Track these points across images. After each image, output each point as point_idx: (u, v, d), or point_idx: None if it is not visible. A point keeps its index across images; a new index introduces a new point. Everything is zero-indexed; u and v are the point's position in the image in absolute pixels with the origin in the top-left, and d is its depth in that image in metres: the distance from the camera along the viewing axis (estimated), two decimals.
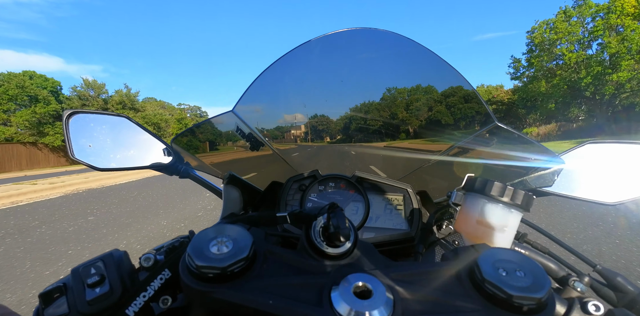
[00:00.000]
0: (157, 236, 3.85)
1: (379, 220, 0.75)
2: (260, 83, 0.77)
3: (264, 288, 0.31)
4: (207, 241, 0.33)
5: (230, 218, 0.70)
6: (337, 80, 0.88)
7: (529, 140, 0.78)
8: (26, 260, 3.31)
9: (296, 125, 0.95)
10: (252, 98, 0.80)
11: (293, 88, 0.89)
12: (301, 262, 0.36)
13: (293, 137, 0.98)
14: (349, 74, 0.88)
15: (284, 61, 0.76)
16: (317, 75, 0.88)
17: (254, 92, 0.79)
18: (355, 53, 0.85)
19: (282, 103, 0.93)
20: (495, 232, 0.51)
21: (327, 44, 0.78)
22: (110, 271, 0.35)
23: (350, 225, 0.38)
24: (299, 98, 0.90)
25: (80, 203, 6.80)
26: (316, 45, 0.76)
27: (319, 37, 0.74)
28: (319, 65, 0.85)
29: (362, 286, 0.31)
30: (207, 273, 0.30)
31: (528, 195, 0.50)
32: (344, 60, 0.87)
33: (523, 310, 0.29)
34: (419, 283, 0.34)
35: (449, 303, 0.31)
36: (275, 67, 0.76)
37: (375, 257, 0.38)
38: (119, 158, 0.75)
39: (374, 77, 0.89)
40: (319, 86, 0.89)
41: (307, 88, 0.89)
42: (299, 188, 0.76)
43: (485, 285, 0.31)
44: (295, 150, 0.99)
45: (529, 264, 0.32)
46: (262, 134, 0.88)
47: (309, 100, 0.89)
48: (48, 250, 3.59)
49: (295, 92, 0.91)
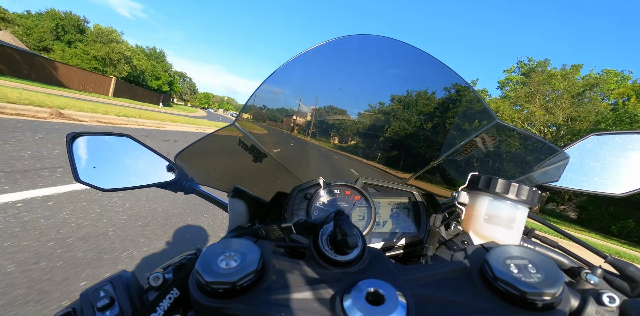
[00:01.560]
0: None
1: (386, 224, 0.75)
2: (268, 87, 0.79)
3: (275, 301, 0.31)
4: (215, 257, 0.32)
5: (237, 231, 0.70)
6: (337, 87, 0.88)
7: (532, 136, 0.78)
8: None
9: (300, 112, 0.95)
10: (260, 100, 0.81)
11: (297, 94, 0.90)
12: (311, 272, 0.35)
13: (292, 125, 0.97)
14: (350, 81, 0.89)
15: (286, 69, 0.77)
16: (322, 82, 0.89)
17: (260, 97, 0.80)
18: (352, 60, 0.86)
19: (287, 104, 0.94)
20: (503, 229, 0.51)
21: (323, 53, 0.79)
22: (120, 293, 0.35)
23: (357, 231, 0.38)
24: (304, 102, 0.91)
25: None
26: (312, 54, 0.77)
27: (314, 47, 0.76)
28: (319, 73, 0.86)
29: (374, 292, 0.31)
30: (217, 288, 0.30)
31: (533, 190, 0.50)
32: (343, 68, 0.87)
33: (538, 306, 0.29)
34: (431, 286, 0.33)
35: (462, 303, 0.31)
36: (278, 74, 0.77)
37: (385, 262, 0.38)
38: (123, 178, 0.76)
39: (376, 84, 0.90)
40: (324, 91, 0.90)
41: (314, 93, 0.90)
42: (304, 197, 0.76)
43: (498, 283, 0.30)
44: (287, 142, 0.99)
45: (539, 259, 0.31)
46: (264, 146, 0.88)
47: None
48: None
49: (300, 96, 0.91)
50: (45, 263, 1.87)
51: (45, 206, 2.59)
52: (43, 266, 1.84)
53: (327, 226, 0.38)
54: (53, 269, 1.84)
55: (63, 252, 2.03)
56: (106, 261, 2.07)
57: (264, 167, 0.91)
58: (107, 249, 2.21)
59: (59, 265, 1.89)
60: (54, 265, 1.87)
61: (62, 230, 2.29)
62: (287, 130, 0.97)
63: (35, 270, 1.79)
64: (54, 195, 2.87)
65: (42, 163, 3.69)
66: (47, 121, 6.82)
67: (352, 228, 0.36)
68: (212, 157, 0.88)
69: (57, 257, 1.96)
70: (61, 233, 2.22)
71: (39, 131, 5.49)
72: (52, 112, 7.38)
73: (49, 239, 2.13)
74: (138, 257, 2.22)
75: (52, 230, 2.26)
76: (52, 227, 2.31)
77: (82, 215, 2.63)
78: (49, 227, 2.28)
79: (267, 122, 0.93)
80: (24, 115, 6.71)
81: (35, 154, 3.97)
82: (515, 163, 0.86)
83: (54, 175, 3.37)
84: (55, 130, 5.95)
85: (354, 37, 0.77)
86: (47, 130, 5.78)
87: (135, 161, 0.79)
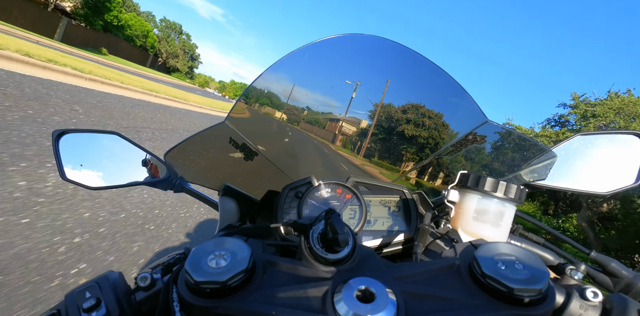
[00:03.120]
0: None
1: (376, 223, 0.75)
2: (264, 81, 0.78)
3: (266, 300, 0.31)
4: (204, 256, 0.32)
5: (227, 230, 0.70)
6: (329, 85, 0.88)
7: (521, 135, 0.80)
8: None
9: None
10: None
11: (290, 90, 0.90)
12: (301, 270, 0.35)
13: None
14: (342, 79, 0.89)
15: (278, 67, 0.76)
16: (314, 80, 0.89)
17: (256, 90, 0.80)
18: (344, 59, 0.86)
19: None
20: (491, 227, 0.52)
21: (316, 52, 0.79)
22: (106, 294, 0.34)
23: (348, 229, 0.38)
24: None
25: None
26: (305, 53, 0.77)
27: (307, 45, 0.75)
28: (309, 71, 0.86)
29: (365, 290, 0.31)
30: (206, 288, 0.30)
31: (520, 188, 0.51)
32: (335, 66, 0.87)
33: (525, 302, 0.29)
34: (421, 283, 0.34)
35: (451, 300, 0.31)
36: (271, 71, 0.76)
37: (376, 260, 0.38)
38: (111, 176, 0.75)
39: (367, 83, 0.90)
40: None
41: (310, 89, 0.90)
42: (295, 196, 0.76)
43: (486, 279, 0.31)
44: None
45: (526, 256, 0.32)
46: (255, 144, 0.88)
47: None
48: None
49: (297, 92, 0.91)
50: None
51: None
52: None
53: (319, 224, 0.38)
54: None
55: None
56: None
57: (255, 165, 0.91)
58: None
59: None
60: None
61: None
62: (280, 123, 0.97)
63: None
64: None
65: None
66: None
67: (343, 227, 0.37)
68: (202, 155, 0.87)
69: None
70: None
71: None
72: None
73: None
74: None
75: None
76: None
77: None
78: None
79: (258, 120, 0.93)
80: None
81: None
82: (503, 162, 0.88)
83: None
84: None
85: (346, 36, 0.77)
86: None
87: (125, 158, 0.78)
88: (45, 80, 6.99)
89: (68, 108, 5.36)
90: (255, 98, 0.86)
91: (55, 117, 4.52)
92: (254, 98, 0.86)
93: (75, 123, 4.70)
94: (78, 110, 5.51)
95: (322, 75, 0.88)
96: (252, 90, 0.80)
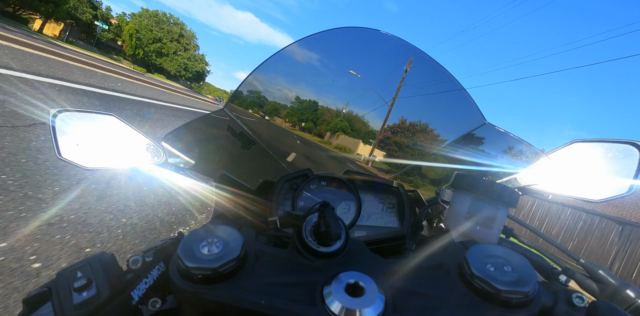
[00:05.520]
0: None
1: (370, 218, 0.76)
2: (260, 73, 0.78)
3: (256, 288, 0.31)
4: (197, 242, 0.32)
5: (221, 218, 0.70)
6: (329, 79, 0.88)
7: (519, 139, 0.80)
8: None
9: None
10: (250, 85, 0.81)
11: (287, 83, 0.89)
12: (293, 261, 0.36)
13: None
14: (340, 73, 0.88)
15: (277, 59, 0.75)
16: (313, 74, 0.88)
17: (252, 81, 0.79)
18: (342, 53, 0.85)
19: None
20: (483, 228, 0.52)
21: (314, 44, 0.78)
22: (97, 275, 0.34)
23: (341, 223, 0.38)
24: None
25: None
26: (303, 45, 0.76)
27: (306, 37, 0.75)
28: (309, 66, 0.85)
29: (354, 284, 0.31)
30: (197, 274, 0.30)
31: (514, 191, 0.51)
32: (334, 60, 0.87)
33: (511, 304, 0.30)
34: (410, 280, 0.34)
35: (439, 298, 0.32)
36: (270, 63, 0.75)
37: (367, 255, 0.38)
38: (106, 157, 0.74)
39: (367, 78, 0.89)
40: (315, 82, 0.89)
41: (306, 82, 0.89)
42: (290, 188, 0.76)
43: (475, 280, 0.31)
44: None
45: (516, 259, 0.33)
46: (253, 133, 0.87)
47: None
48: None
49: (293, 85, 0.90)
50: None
51: None
52: None
53: (312, 217, 0.38)
54: None
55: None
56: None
57: (252, 154, 0.90)
58: None
59: None
60: None
61: None
62: (276, 120, 0.96)
63: None
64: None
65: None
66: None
67: (337, 220, 0.37)
68: (200, 141, 0.87)
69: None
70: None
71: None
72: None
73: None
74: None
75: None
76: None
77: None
78: None
79: (256, 110, 0.92)
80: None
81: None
82: (499, 165, 0.88)
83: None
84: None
85: (344, 29, 0.76)
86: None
87: (121, 141, 0.77)
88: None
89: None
90: (255, 88, 0.86)
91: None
92: (254, 88, 0.85)
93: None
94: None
95: (322, 69, 0.87)
96: (251, 80, 0.79)
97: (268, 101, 0.92)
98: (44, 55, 10.35)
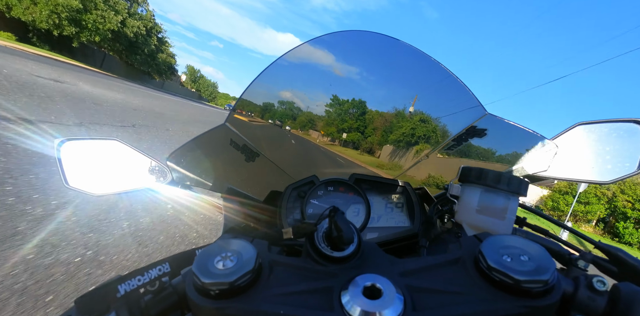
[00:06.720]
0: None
1: (380, 219, 0.76)
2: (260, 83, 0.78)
3: (274, 299, 0.31)
4: (211, 258, 0.32)
5: (232, 232, 0.70)
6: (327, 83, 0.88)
7: (522, 127, 0.80)
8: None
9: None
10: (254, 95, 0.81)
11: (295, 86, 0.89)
12: (307, 269, 0.36)
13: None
14: (342, 77, 0.89)
15: (277, 66, 0.76)
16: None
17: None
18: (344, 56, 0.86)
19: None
20: (496, 220, 0.52)
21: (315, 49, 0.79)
22: None
23: (352, 227, 0.38)
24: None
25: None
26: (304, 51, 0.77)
27: (309, 41, 0.76)
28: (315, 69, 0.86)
29: (371, 286, 0.31)
30: (215, 289, 0.30)
31: (523, 180, 0.51)
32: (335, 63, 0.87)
33: (532, 293, 0.29)
34: (427, 278, 0.34)
35: (458, 294, 0.31)
36: (270, 71, 0.76)
37: (381, 256, 0.38)
38: (114, 182, 0.75)
39: (368, 81, 0.90)
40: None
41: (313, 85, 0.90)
42: (298, 196, 0.76)
43: (492, 272, 0.31)
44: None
45: (531, 248, 0.32)
46: (256, 145, 0.88)
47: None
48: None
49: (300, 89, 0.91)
50: None
51: None
52: None
53: (323, 223, 0.38)
54: None
55: None
56: None
57: (256, 166, 0.91)
58: None
59: None
60: None
61: None
62: (279, 126, 0.97)
63: None
64: None
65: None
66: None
67: (348, 224, 0.37)
68: (204, 157, 0.88)
69: None
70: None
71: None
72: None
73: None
74: None
75: None
76: None
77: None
78: None
79: (259, 120, 0.93)
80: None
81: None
82: (505, 155, 0.88)
83: None
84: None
85: (347, 32, 0.77)
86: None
87: (126, 164, 0.78)
88: None
89: None
90: (255, 98, 0.86)
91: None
92: (254, 98, 0.86)
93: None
94: None
95: (320, 74, 0.88)
96: (251, 91, 0.80)
97: (288, 109, 0.92)
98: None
